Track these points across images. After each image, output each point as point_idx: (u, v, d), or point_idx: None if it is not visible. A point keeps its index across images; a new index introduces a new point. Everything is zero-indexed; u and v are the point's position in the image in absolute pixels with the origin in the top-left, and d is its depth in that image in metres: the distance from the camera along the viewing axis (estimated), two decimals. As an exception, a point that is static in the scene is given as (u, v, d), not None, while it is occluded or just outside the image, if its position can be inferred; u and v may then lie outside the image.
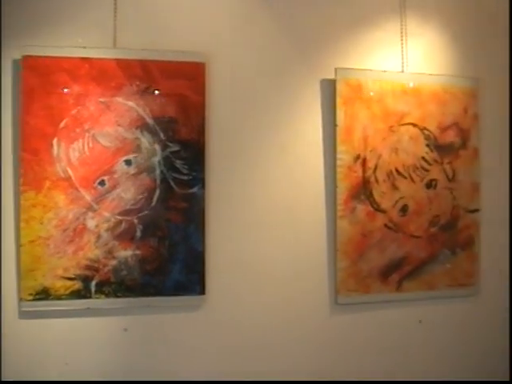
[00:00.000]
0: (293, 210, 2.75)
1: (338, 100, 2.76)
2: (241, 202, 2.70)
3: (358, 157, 2.78)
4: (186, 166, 2.60)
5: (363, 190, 2.79)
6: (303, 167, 2.77)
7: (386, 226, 2.83)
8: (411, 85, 2.87)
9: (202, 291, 2.61)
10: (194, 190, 2.60)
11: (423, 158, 2.89)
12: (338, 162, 2.76)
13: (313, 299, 2.76)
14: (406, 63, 2.91)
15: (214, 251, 2.64)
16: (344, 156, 2.76)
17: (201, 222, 2.61)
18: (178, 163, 2.59)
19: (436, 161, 2.92)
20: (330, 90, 2.78)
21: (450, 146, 2.95)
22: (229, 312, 2.66)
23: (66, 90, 2.48)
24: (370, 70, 2.83)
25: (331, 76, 2.76)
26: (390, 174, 2.84)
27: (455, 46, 3.01)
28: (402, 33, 2.91)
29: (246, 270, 2.69)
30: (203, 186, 2.61)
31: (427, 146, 2.90)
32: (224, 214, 2.67)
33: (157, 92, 2.57)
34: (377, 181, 2.81)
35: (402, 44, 2.91)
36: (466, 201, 2.97)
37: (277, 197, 2.74)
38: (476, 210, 3.00)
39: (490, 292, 3.03)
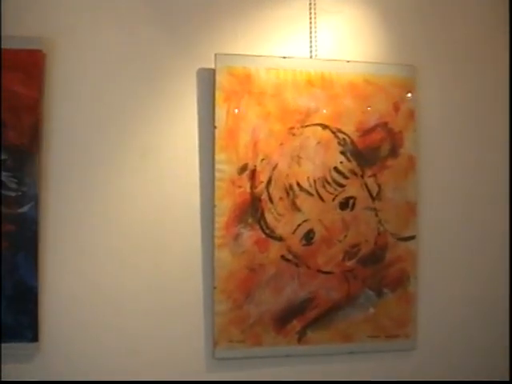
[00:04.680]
0: (158, 235, 2.58)
1: (218, 94, 2.56)
2: (89, 225, 2.54)
3: (244, 167, 2.58)
4: (14, 180, 2.45)
5: (252, 211, 2.59)
6: (173, 180, 2.60)
7: (283, 257, 2.62)
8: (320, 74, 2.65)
9: (35, 337, 2.46)
10: (25, 209, 2.44)
11: (336, 169, 2.68)
12: (217, 175, 2.56)
13: (184, 351, 2.58)
14: (315, 47, 2.71)
15: (52, 287, 2.48)
16: (225, 166, 2.56)
17: (33, 250, 2.46)
18: (4, 176, 2.44)
19: (355, 173, 2.69)
20: (209, 81, 2.59)
21: (374, 154, 2.72)
22: (69, 364, 2.50)
23: None
24: (263, 55, 2.63)
25: (212, 64, 2.58)
26: (289, 191, 2.63)
27: (383, 26, 2.83)
28: (310, 9, 2.72)
29: (96, 312, 2.52)
30: (37, 205, 2.46)
31: (342, 153, 2.68)
32: (66, 239, 2.51)
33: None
34: (271, 199, 2.60)
35: (310, 23, 2.72)
36: (396, 225, 2.74)
37: (137, 218, 2.57)
38: (411, 238, 2.76)
39: (430, 346, 2.80)
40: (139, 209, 2.58)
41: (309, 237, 2.65)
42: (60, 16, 2.54)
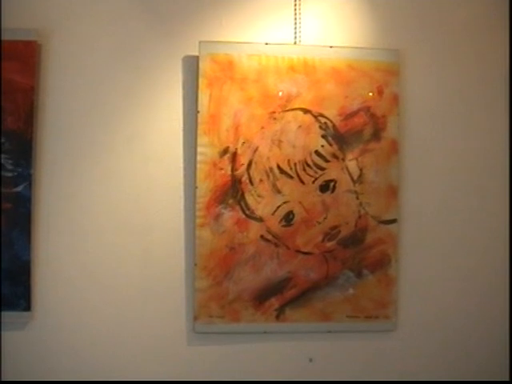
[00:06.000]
0: (143, 214, 2.71)
1: (202, 81, 2.67)
2: (79, 204, 2.69)
3: (225, 150, 2.68)
4: (10, 161, 2.62)
5: (232, 192, 2.68)
6: (158, 163, 2.72)
7: (262, 237, 2.70)
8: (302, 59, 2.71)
9: (28, 307, 2.63)
10: (19, 188, 2.62)
11: (317, 152, 2.72)
12: (199, 157, 2.67)
13: (167, 325, 2.70)
14: (299, 33, 2.77)
15: (45, 261, 2.65)
16: (207, 149, 2.67)
17: (27, 227, 2.63)
18: (2, 158, 2.62)
19: (336, 156, 2.74)
20: (194, 68, 2.70)
21: (356, 138, 2.75)
22: (61, 333, 2.66)
23: None
24: (246, 42, 2.72)
25: (197, 52, 2.68)
26: (269, 173, 2.70)
27: (368, 10, 2.84)
28: (295, -5, 2.80)
29: (84, 285, 2.68)
30: (31, 185, 2.63)
31: (323, 137, 2.73)
32: (58, 217, 2.67)
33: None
34: (251, 181, 2.69)
35: (295, 10, 2.77)
36: (378, 208, 2.76)
37: (123, 198, 2.71)
38: (393, 221, 2.77)
39: (411, 327, 2.81)
40: (126, 190, 2.71)
41: (288, 218, 2.72)
42: (54, 9, 2.69)
